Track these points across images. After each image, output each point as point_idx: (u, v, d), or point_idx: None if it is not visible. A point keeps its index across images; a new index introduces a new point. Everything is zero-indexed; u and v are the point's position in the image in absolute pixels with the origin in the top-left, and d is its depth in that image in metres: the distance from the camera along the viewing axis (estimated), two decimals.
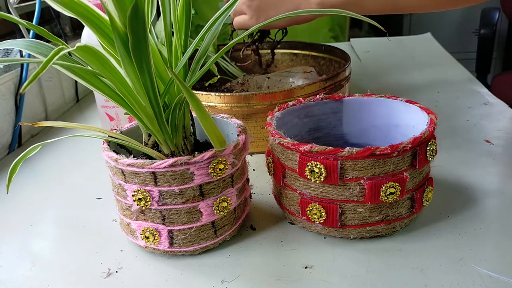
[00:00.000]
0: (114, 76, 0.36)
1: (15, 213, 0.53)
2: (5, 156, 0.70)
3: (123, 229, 0.45)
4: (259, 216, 0.49)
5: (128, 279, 0.41)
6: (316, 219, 0.42)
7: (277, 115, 0.49)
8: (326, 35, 1.53)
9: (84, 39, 0.64)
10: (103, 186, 0.57)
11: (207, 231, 0.42)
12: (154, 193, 0.40)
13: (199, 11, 1.42)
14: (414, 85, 0.90)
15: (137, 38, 0.33)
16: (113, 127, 0.49)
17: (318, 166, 0.40)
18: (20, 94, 0.72)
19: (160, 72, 0.41)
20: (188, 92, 0.35)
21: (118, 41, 0.34)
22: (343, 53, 0.77)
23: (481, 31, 1.80)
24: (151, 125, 0.39)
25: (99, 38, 0.38)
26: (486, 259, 0.40)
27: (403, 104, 0.50)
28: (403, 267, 0.40)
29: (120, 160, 0.40)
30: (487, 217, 0.46)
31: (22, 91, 0.28)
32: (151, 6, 0.39)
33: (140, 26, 0.32)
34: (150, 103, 0.38)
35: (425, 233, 0.44)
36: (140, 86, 0.37)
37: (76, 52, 0.33)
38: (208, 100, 0.62)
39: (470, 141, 0.63)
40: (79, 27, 1.12)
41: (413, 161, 0.41)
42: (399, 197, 0.41)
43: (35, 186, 0.60)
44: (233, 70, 0.84)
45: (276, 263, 0.41)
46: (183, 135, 0.43)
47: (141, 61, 0.35)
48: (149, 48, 0.34)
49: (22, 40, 0.37)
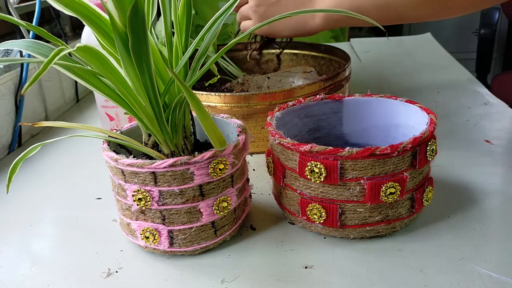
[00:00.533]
0: (114, 76, 0.36)
1: (15, 213, 0.53)
2: (5, 156, 0.70)
3: (123, 229, 0.45)
4: (259, 216, 0.49)
5: (128, 279, 0.41)
6: (316, 219, 0.42)
7: (277, 115, 0.49)
8: (326, 35, 1.53)
9: (84, 39, 0.64)
10: (103, 186, 0.57)
11: (207, 231, 0.42)
12: (154, 193, 0.40)
13: (199, 11, 1.42)
14: (414, 85, 0.90)
15: (137, 38, 0.33)
16: (113, 127, 0.49)
17: (318, 166, 0.40)
18: (21, 95, 0.72)
19: (161, 71, 0.41)
20: (188, 92, 0.35)
21: (118, 41, 0.34)
22: (343, 53, 0.77)
23: (481, 31, 1.81)
24: (151, 125, 0.39)
25: (99, 38, 0.38)
26: (486, 259, 0.40)
27: (403, 104, 0.50)
28: (403, 267, 0.40)
29: (120, 160, 0.40)
30: (487, 217, 0.46)
31: (23, 93, 0.28)
32: (151, 6, 0.39)
33: (140, 25, 0.32)
34: (150, 103, 0.38)
35: (425, 233, 0.44)
36: (140, 86, 0.37)
37: (76, 52, 0.33)
38: (208, 100, 0.62)
39: (470, 141, 0.63)
40: (79, 27, 1.12)
41: (413, 161, 0.41)
42: (399, 197, 0.41)
43: (35, 186, 0.60)
44: (233, 70, 0.84)
45: (276, 263, 0.41)
46: (183, 135, 0.43)
47: (141, 61, 0.35)
48: (149, 47, 0.34)
49: (22, 41, 0.37)
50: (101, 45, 0.39)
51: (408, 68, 1.00)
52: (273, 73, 0.77)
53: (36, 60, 0.34)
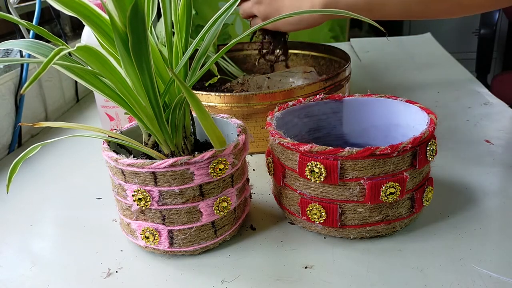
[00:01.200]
0: (114, 76, 0.36)
1: (15, 213, 0.53)
2: (5, 156, 0.70)
3: (123, 229, 0.45)
4: (259, 216, 0.49)
5: (128, 279, 0.41)
6: (316, 219, 0.42)
7: (277, 115, 0.49)
8: (326, 35, 1.53)
9: (84, 39, 0.64)
10: (103, 186, 0.57)
11: (207, 231, 0.42)
12: (154, 193, 0.40)
13: (199, 11, 1.43)
14: (414, 85, 0.90)
15: (137, 38, 0.33)
16: (113, 127, 0.49)
17: (318, 166, 0.40)
18: (21, 95, 0.72)
19: (161, 71, 0.41)
20: (188, 92, 0.35)
21: (118, 41, 0.34)
22: (343, 53, 0.77)
23: (481, 31, 1.80)
24: (151, 125, 0.39)
25: (99, 37, 0.38)
26: (486, 259, 0.40)
27: (403, 104, 0.50)
28: (403, 267, 0.40)
29: (120, 160, 0.40)
30: (487, 217, 0.46)
31: (23, 92, 0.28)
32: (151, 6, 0.39)
33: (140, 25, 0.32)
34: (150, 103, 0.38)
35: (425, 233, 0.44)
36: (140, 86, 0.37)
37: (76, 52, 0.33)
38: (208, 100, 0.62)
39: (470, 141, 0.63)
40: (79, 27, 1.12)
41: (413, 161, 0.41)
42: (399, 197, 0.41)
43: (35, 186, 0.60)
44: (233, 70, 0.84)
45: (276, 263, 0.41)
46: (183, 135, 0.43)
47: (141, 61, 0.35)
48: (149, 47, 0.34)
49: (22, 41, 0.37)
50: (101, 45, 0.39)
51: (408, 68, 1.00)
52: (273, 73, 0.77)
53: (36, 61, 0.34)
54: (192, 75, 0.41)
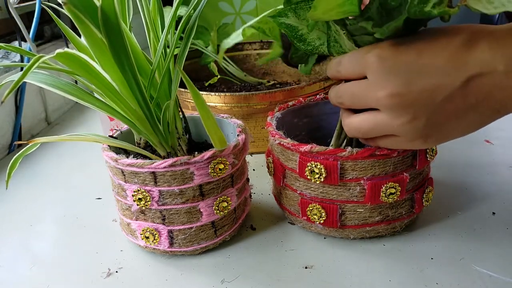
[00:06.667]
0: (99, 81, 0.36)
1: (15, 213, 0.53)
2: (5, 156, 0.70)
3: (123, 229, 0.45)
4: (259, 216, 0.49)
5: (128, 279, 0.41)
6: (316, 220, 0.42)
7: (277, 115, 0.49)
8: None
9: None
10: (103, 186, 0.57)
11: (207, 231, 0.42)
12: (154, 193, 0.40)
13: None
14: None
15: (114, 41, 0.32)
16: (113, 127, 0.49)
17: (318, 166, 0.40)
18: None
19: (143, 67, 0.40)
20: (193, 91, 0.35)
21: (95, 47, 0.33)
22: None
23: None
24: (144, 128, 0.39)
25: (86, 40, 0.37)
26: (486, 259, 0.40)
27: None
28: (403, 267, 0.40)
29: (120, 160, 0.40)
30: (487, 217, 0.46)
31: (3, 100, 0.28)
32: (127, 6, 0.39)
33: (113, 28, 0.31)
34: (138, 104, 0.38)
35: (425, 233, 0.44)
36: (126, 87, 0.36)
37: (56, 59, 0.32)
38: (208, 100, 0.62)
39: (470, 141, 0.63)
40: None
41: (413, 162, 0.41)
42: (399, 197, 0.41)
43: (35, 186, 0.60)
44: (233, 70, 0.84)
45: (276, 263, 0.41)
46: (177, 136, 0.43)
47: (123, 63, 0.34)
48: (127, 48, 0.34)
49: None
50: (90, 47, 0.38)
51: None
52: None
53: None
54: (184, 49, 0.40)
